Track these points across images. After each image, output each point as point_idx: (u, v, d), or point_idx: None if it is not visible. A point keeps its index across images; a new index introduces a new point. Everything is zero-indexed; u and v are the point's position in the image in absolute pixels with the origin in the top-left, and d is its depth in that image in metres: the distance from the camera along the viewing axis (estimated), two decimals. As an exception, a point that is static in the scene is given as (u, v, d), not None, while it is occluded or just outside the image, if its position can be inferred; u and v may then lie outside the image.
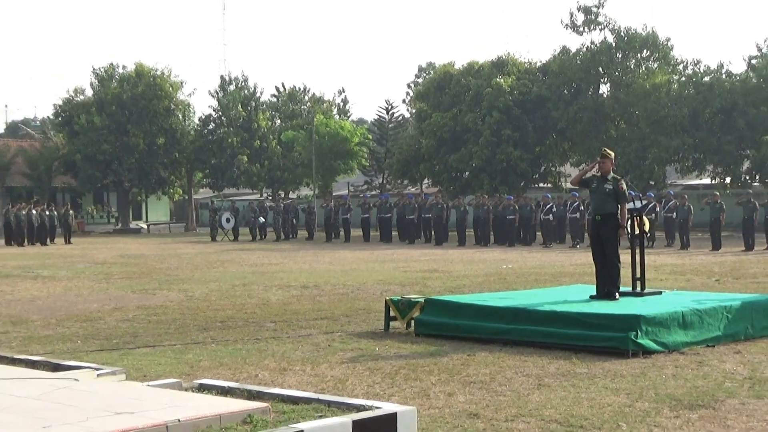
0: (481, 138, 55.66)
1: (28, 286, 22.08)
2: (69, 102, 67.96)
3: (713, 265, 25.84)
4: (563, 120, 55.14)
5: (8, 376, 9.33)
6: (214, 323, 14.78)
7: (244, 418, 7.39)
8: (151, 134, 65.29)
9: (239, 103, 69.80)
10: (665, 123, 51.45)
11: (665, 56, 55.38)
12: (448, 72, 62.04)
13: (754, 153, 50.93)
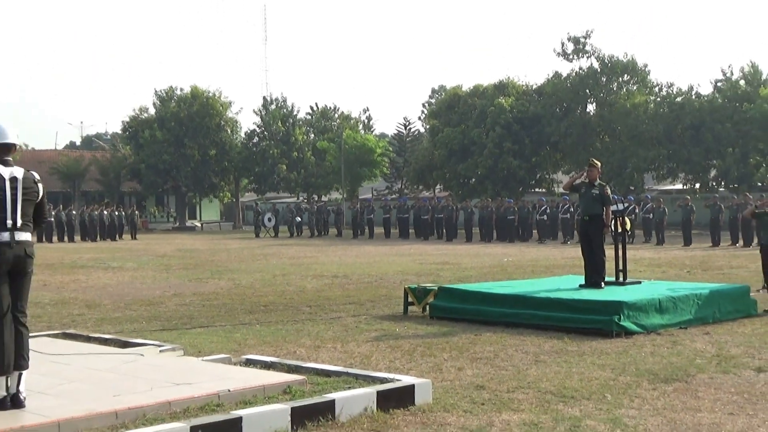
0: (485, 150, 55.81)
1: (100, 275, 22.20)
2: (135, 119, 68.29)
3: (685, 259, 25.78)
4: (555, 134, 55.34)
5: (84, 352, 9.39)
6: (258, 307, 14.80)
7: (284, 388, 7.41)
8: (204, 146, 65.51)
9: (279, 120, 70.03)
10: (643, 137, 51.55)
11: (643, 80, 55.54)
12: (457, 93, 62.19)
13: (720, 163, 50.99)
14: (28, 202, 6.93)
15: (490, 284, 15.06)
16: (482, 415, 7.05)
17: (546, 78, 59.00)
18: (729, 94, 50.73)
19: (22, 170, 6.97)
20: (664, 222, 36.38)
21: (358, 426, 6.66)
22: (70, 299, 16.36)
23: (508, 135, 55.71)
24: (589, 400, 7.53)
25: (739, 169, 49.38)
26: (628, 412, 7.12)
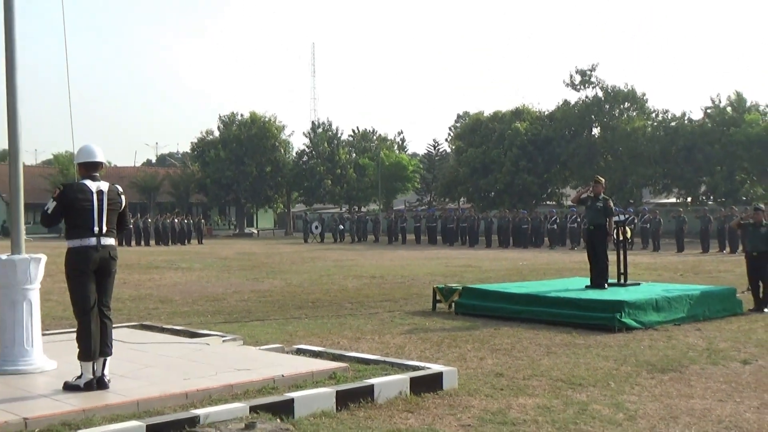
0: (503, 168, 55.70)
1: (171, 275, 22.36)
2: (202, 140, 68.73)
3: (678, 264, 25.50)
4: (565, 154, 55.11)
5: (158, 341, 9.47)
6: (307, 303, 14.83)
7: (330, 374, 7.42)
8: (261, 164, 65.79)
9: (325, 141, 70.22)
10: (641, 157, 51.25)
11: (642, 107, 55.27)
12: (479, 118, 62.09)
13: (709, 179, 50.67)
14: (112, 211, 7.01)
15: (508, 285, 15.00)
16: (501, 399, 7.03)
17: (556, 105, 58.83)
18: (717, 119, 50.39)
19: (107, 184, 7.05)
20: (660, 231, 36.14)
21: (394, 408, 6.66)
22: (146, 295, 16.49)
23: (523, 155, 55.59)
24: (595, 387, 7.49)
25: (726, 185, 49.05)
26: (629, 398, 7.08)
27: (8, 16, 7.77)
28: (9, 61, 7.78)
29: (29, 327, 7.57)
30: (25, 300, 7.57)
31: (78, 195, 6.85)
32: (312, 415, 6.31)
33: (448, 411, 6.60)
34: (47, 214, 6.87)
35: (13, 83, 7.79)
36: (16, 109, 7.80)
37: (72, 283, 6.86)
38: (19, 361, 7.47)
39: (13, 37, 7.78)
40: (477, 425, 6.17)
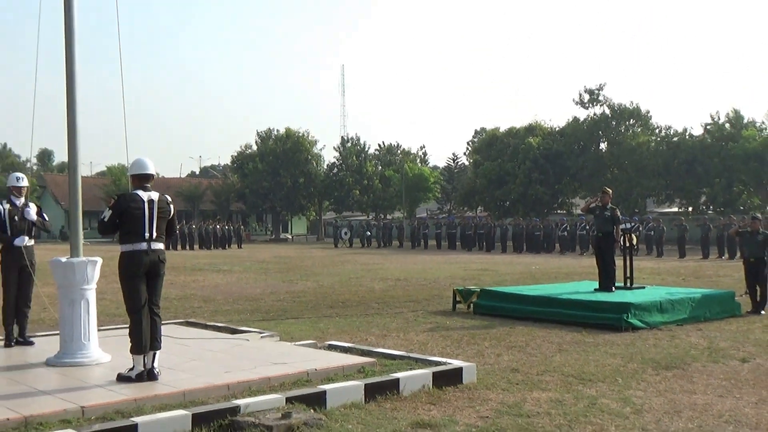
0: (517, 179, 55.54)
1: (213, 276, 22.46)
2: (241, 154, 69.07)
3: (680, 269, 25.25)
4: (574, 167, 54.84)
5: (202, 337, 9.52)
6: (337, 303, 14.83)
7: (359, 368, 7.42)
8: (295, 176, 65.98)
9: (354, 155, 70.30)
10: (646, 170, 50.91)
11: (646, 123, 54.88)
12: (495, 134, 61.89)
13: (709, 190, 50.28)
14: (161, 219, 7.07)
15: (522, 287, 14.93)
16: (517, 392, 7.00)
17: (567, 122, 58.51)
18: (716, 135, 50.01)
19: (157, 194, 7.11)
20: (663, 238, 35.72)
21: (418, 400, 6.65)
22: (191, 295, 16.57)
23: (535, 167, 55.39)
24: (604, 383, 7.43)
25: (725, 196, 48.72)
26: (635, 393, 7.01)
27: (69, 41, 7.86)
28: (69, 82, 7.86)
29: (86, 323, 7.64)
30: (83, 299, 7.65)
31: (131, 204, 6.92)
32: (342, 406, 6.31)
33: (468, 403, 6.58)
34: (104, 222, 6.94)
35: (73, 103, 7.88)
36: (76, 127, 7.89)
37: (125, 283, 6.92)
38: (77, 354, 7.55)
39: (73, 60, 7.87)
40: (494, 417, 6.14)
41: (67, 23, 7.87)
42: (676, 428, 5.86)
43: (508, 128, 61.52)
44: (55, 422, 5.52)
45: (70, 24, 7.87)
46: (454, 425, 5.88)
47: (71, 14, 7.87)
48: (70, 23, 7.87)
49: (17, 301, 8.86)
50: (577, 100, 56.99)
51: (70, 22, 7.87)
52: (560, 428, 5.83)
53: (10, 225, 8.84)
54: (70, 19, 7.87)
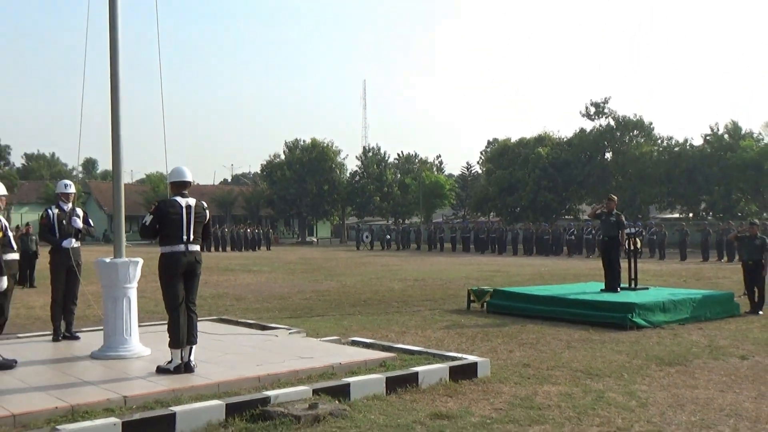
0: (527, 187, 55.28)
1: (244, 276, 22.54)
2: (270, 162, 69.24)
3: (681, 271, 25.01)
4: (581, 175, 54.52)
5: (234, 332, 9.55)
6: (359, 302, 14.83)
7: (380, 363, 7.41)
8: (320, 183, 66.04)
9: (374, 164, 70.28)
10: (649, 178, 50.52)
11: (649, 134, 54.49)
12: (506, 144, 61.65)
13: (708, 197, 49.89)
14: (198, 223, 7.10)
15: (532, 288, 14.86)
16: (528, 386, 6.96)
17: (574, 133, 58.19)
18: (715, 145, 49.55)
19: (194, 200, 7.15)
20: (665, 242, 35.46)
21: (435, 392, 6.64)
22: (224, 294, 16.63)
23: (544, 176, 55.12)
24: (610, 378, 7.37)
25: (724, 203, 48.32)
26: (640, 387, 6.95)
27: (113, 60, 7.92)
28: (114, 98, 7.92)
29: (128, 319, 7.69)
30: (125, 296, 7.70)
31: (170, 209, 6.96)
32: (365, 397, 6.31)
33: (482, 396, 6.55)
34: (145, 226, 6.98)
35: (117, 117, 7.94)
36: (120, 138, 7.94)
37: (164, 282, 6.96)
38: (119, 348, 7.60)
39: (117, 78, 7.93)
40: (507, 409, 6.11)
41: (112, 45, 7.91)
42: (679, 421, 5.80)
43: (518, 139, 61.35)
44: (100, 411, 5.56)
45: (115, 45, 7.92)
46: (469, 416, 5.85)
47: (115, 35, 7.92)
48: (114, 45, 7.92)
49: (65, 299, 8.94)
50: (583, 113, 56.81)
51: (115, 44, 7.92)
52: (570, 420, 5.79)
53: (59, 228, 8.93)
54: (115, 41, 7.92)
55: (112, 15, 7.92)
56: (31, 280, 18.41)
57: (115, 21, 7.93)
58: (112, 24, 7.93)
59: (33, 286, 18.16)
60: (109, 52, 7.92)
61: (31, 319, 12.04)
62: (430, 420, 5.74)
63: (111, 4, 7.91)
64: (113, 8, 7.91)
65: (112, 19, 7.92)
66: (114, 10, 7.92)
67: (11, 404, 5.59)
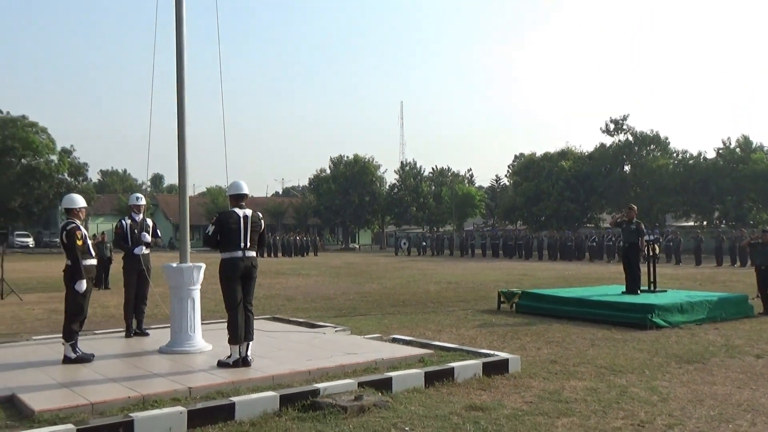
0: (551, 197, 54.78)
1: (294, 279, 22.64)
2: (317, 176, 69.61)
3: (697, 275, 24.43)
4: (601, 187, 53.87)
5: (286, 330, 9.58)
6: (398, 302, 14.78)
7: (419, 358, 7.36)
8: (362, 195, 66.20)
9: (411, 177, 70.23)
10: (665, 189, 49.65)
11: (665, 148, 53.61)
12: (532, 158, 61.06)
13: (721, 207, 48.82)
14: (254, 232, 7.14)
15: (558, 290, 14.65)
16: (556, 381, 6.84)
17: (595, 147, 57.56)
18: (728, 158, 48.59)
19: (251, 211, 7.19)
20: (681, 248, 34.74)
21: (470, 386, 6.56)
22: (276, 295, 16.73)
23: (567, 187, 54.55)
24: (632, 374, 7.20)
25: (736, 212, 47.32)
26: (661, 383, 6.78)
27: (180, 89, 8.03)
28: (180, 121, 8.04)
29: (192, 318, 7.76)
30: (189, 297, 7.78)
31: (229, 219, 7.01)
32: (406, 390, 6.26)
33: (514, 390, 6.45)
34: (208, 236, 7.03)
35: (183, 138, 8.04)
36: (185, 157, 8.04)
37: (224, 285, 7.00)
38: (184, 344, 7.67)
39: (183, 102, 8.04)
40: (537, 402, 6.01)
41: (179, 75, 8.01)
42: (699, 415, 5.63)
43: (543, 153, 60.81)
44: (167, 400, 5.60)
45: (181, 75, 8.02)
46: (502, 408, 5.77)
47: (182, 66, 8.01)
48: (180, 74, 8.01)
49: (136, 300, 9.07)
50: (603, 129, 56.15)
51: (181, 73, 8.01)
52: (595, 413, 5.67)
53: (131, 237, 9.08)
54: (181, 71, 8.00)
55: (179, 48, 8.00)
56: (106, 282, 18.74)
57: (182, 54, 8.01)
58: (179, 56, 8.01)
59: (108, 288, 18.48)
60: (176, 82, 8.02)
61: (106, 317, 12.24)
62: (465, 411, 5.67)
63: (177, 34, 8.02)
64: (179, 38, 8.01)
65: (179, 51, 8.00)
66: (180, 40, 8.01)
67: (89, 394, 5.68)
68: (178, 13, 8.04)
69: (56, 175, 52.57)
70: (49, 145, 52.70)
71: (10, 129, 50.78)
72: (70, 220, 7.39)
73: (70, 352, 7.15)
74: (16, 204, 50.84)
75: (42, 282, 21.15)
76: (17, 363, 7.10)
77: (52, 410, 5.22)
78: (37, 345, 8.38)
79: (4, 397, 5.75)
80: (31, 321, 11.85)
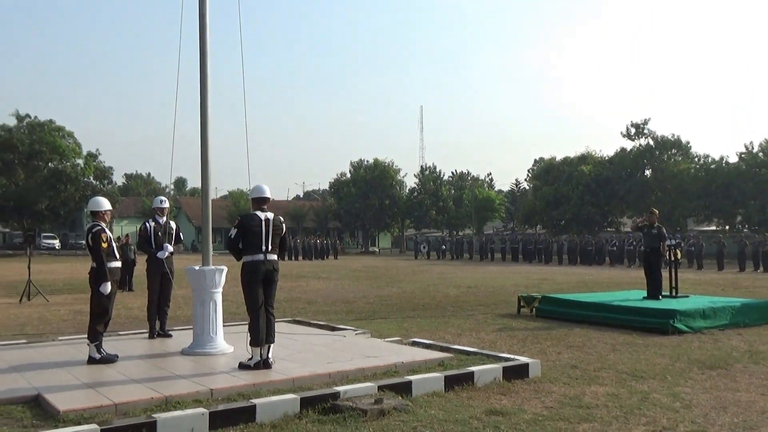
0: (571, 201, 54.27)
1: (315, 282, 22.66)
2: (337, 180, 69.81)
3: (719, 280, 24.09)
4: (622, 191, 53.23)
5: (307, 333, 9.57)
6: (418, 306, 14.73)
7: (439, 362, 7.32)
8: (382, 199, 66.20)
9: (431, 181, 70.16)
10: (686, 193, 49.00)
11: (686, 152, 52.91)
12: (552, 162, 60.64)
13: (744, 211, 48.08)
14: (276, 235, 7.16)
15: (578, 294, 14.51)
16: (577, 386, 6.76)
17: (615, 152, 56.96)
18: (750, 162, 47.81)
19: (272, 215, 7.21)
20: (702, 253, 34.25)
21: (490, 390, 6.51)
22: (297, 298, 16.74)
23: (587, 191, 54.06)
24: (654, 380, 7.10)
25: (759, 216, 46.48)
26: (684, 389, 6.67)
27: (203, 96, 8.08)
28: (203, 128, 8.09)
29: (214, 320, 7.80)
30: (211, 300, 7.81)
31: (251, 222, 7.03)
32: (426, 394, 6.23)
33: (534, 395, 6.39)
34: (230, 239, 7.05)
35: (206, 144, 8.09)
36: (208, 162, 8.08)
37: (246, 287, 7.02)
38: (206, 346, 7.71)
39: (206, 107, 8.09)
40: (558, 407, 5.95)
41: (202, 82, 8.07)
42: (722, 422, 5.54)
43: (563, 157, 60.34)
44: (189, 401, 5.63)
45: (204, 81, 8.08)
46: (522, 413, 5.72)
47: (205, 73, 8.07)
48: (204, 81, 8.07)
49: (159, 301, 9.13)
50: (624, 133, 55.59)
51: (204, 80, 8.07)
52: (617, 419, 5.59)
53: (155, 240, 9.15)
54: (204, 78, 8.06)
55: (202, 54, 8.05)
56: (129, 284, 18.90)
57: (205, 60, 8.06)
58: (202, 62, 8.07)
59: (131, 290, 18.64)
60: (199, 88, 8.07)
61: (129, 318, 12.34)
62: (485, 416, 5.62)
63: (201, 40, 8.07)
64: (203, 44, 8.06)
65: (202, 57, 8.06)
66: (204, 46, 8.06)
67: (113, 394, 5.72)
68: (201, 17, 8.10)
69: (82, 178, 53.19)
70: (76, 149, 53.37)
71: (38, 133, 51.52)
72: (96, 222, 7.46)
73: (95, 352, 7.21)
74: (43, 206, 51.51)
75: (68, 283, 21.40)
76: (43, 363, 7.18)
77: (76, 410, 5.27)
78: (62, 345, 8.47)
79: (30, 396, 5.82)
80: (56, 322, 11.99)
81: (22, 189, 50.12)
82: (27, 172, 51.31)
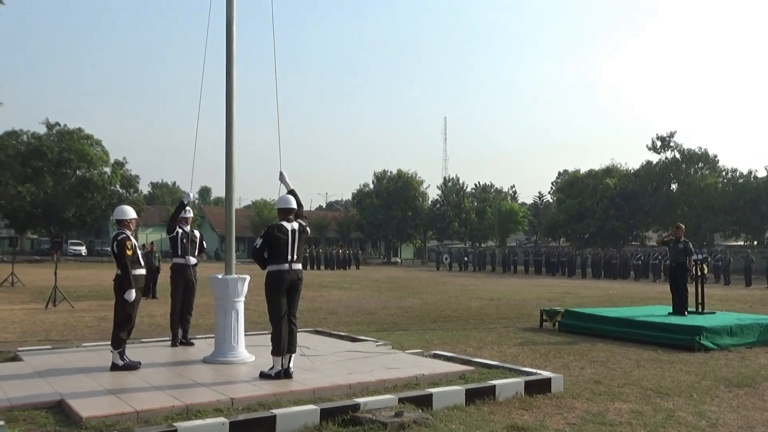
0: (595, 215, 53.91)
1: (336, 292, 22.66)
2: (360, 191, 69.93)
3: (747, 296, 23.66)
4: (647, 205, 52.77)
5: (328, 343, 9.56)
6: (440, 318, 14.65)
7: (460, 375, 7.27)
8: (404, 210, 66.18)
9: (454, 193, 70.08)
10: (713, 207, 48.42)
11: (713, 166, 52.33)
12: (576, 175, 60.35)
13: (773, 226, 47.24)
14: (302, 242, 7.21)
15: (601, 309, 14.32)
16: (600, 403, 6.66)
17: (641, 165, 56.57)
18: (779, 178, 47.16)
19: (297, 224, 7.26)
20: (730, 268, 33.72)
21: (511, 405, 6.43)
22: (318, 308, 16.74)
23: (612, 205, 53.63)
24: (680, 397, 6.97)
25: (788, 232, 45.67)
26: (710, 408, 6.53)
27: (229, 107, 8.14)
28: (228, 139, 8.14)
29: (236, 329, 7.82)
30: (234, 309, 7.84)
31: (278, 232, 7.06)
32: (446, 407, 6.17)
33: (556, 410, 6.31)
34: (256, 249, 7.07)
35: (231, 155, 8.15)
36: (233, 171, 8.14)
37: (270, 297, 7.03)
38: (228, 355, 7.73)
39: (232, 118, 8.15)
40: (580, 424, 5.86)
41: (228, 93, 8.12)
42: (750, 442, 5.42)
43: (587, 170, 60.00)
44: (210, 410, 5.64)
45: (230, 93, 8.14)
46: (544, 429, 5.64)
47: (231, 85, 8.13)
48: (230, 92, 8.12)
49: (182, 309, 9.19)
50: (650, 146, 55.14)
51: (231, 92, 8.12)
52: (641, 437, 5.50)
53: (181, 247, 9.22)
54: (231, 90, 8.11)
55: (229, 71, 8.10)
56: (153, 292, 19.07)
57: (231, 74, 8.09)
58: (229, 77, 8.11)
59: (155, 297, 18.80)
60: (225, 99, 8.13)
61: (152, 326, 12.43)
62: (507, 431, 5.56)
63: (228, 54, 8.14)
64: (230, 60, 8.12)
65: (229, 72, 8.11)
66: (230, 60, 8.13)
67: (135, 401, 5.75)
68: (228, 28, 8.18)
69: (109, 186, 53.95)
70: (103, 158, 54.16)
71: (67, 141, 52.40)
72: (121, 230, 7.55)
73: (118, 359, 7.27)
74: (71, 214, 52.31)
75: (93, 290, 21.65)
76: (67, 369, 7.25)
77: (98, 417, 5.30)
78: (86, 352, 8.55)
79: (53, 402, 5.87)
80: (81, 328, 12.12)
81: (50, 197, 50.95)
82: (55, 179, 52.16)
